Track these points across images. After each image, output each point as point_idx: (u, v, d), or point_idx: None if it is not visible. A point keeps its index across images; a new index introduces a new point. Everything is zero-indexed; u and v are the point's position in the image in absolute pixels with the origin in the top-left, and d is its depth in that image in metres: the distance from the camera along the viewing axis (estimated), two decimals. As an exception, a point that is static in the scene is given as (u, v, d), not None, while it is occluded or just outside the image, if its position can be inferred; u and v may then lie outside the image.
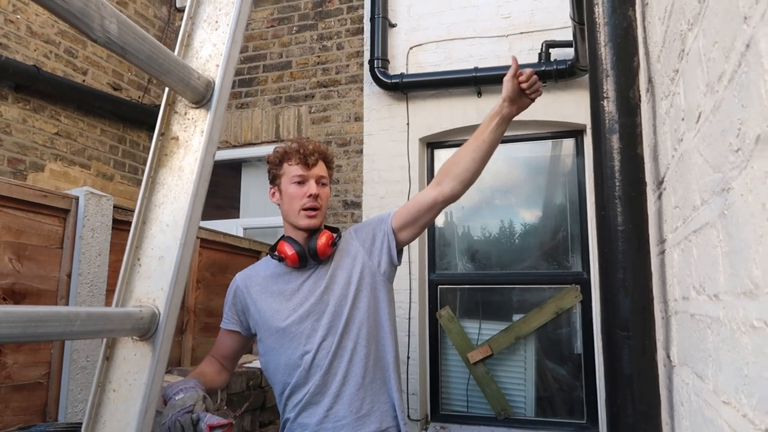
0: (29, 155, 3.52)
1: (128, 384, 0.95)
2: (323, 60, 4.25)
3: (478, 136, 1.73)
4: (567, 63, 3.41)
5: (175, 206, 1.01)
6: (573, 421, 3.48)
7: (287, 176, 1.76)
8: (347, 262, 1.78)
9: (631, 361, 1.11)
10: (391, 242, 1.79)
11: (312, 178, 1.75)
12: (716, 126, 0.68)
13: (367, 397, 1.69)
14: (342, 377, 1.67)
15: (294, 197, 1.75)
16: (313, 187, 1.74)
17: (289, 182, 1.76)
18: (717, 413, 0.73)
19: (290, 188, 1.75)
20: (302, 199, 1.73)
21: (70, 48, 3.84)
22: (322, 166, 1.80)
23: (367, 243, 1.80)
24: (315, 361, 1.68)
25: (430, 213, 1.78)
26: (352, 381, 1.68)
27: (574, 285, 3.54)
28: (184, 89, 1.00)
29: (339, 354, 1.69)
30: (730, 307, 0.66)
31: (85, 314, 0.84)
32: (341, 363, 1.68)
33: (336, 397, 1.67)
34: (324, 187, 1.79)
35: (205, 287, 2.86)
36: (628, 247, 1.14)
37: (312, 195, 1.73)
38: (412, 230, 1.81)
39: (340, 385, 1.67)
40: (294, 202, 1.74)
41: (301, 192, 1.74)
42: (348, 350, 1.69)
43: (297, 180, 1.74)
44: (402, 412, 1.74)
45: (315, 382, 1.67)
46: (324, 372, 1.67)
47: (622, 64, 1.20)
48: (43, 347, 1.99)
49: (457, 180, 1.72)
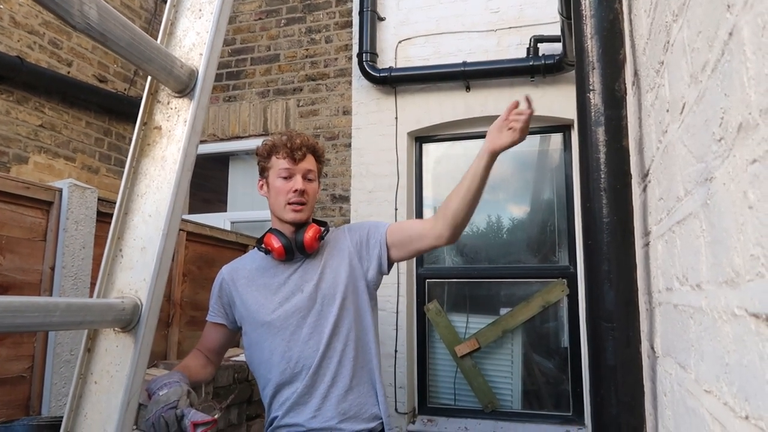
0: (12, 147, 3.47)
1: (110, 376, 0.94)
2: (312, 53, 4.23)
3: (467, 174, 1.70)
4: (555, 58, 3.42)
5: (158, 196, 1.00)
6: (559, 414, 3.51)
7: (275, 170, 1.74)
8: (337, 261, 1.77)
9: (616, 353, 1.12)
10: (383, 250, 1.77)
11: (299, 173, 1.73)
12: (700, 116, 0.69)
13: (355, 399, 1.69)
14: (331, 379, 1.67)
15: (280, 191, 1.73)
16: (299, 182, 1.72)
17: (276, 176, 1.74)
18: (699, 402, 0.74)
19: (277, 182, 1.73)
20: (288, 194, 1.72)
21: (55, 39, 3.79)
22: (311, 160, 1.77)
23: (359, 246, 1.79)
24: (301, 360, 1.67)
25: (419, 244, 1.74)
26: (341, 383, 1.67)
27: (561, 279, 3.56)
28: (166, 78, 0.99)
29: (328, 355, 1.68)
30: (712, 296, 0.66)
31: (65, 305, 0.83)
32: (330, 364, 1.67)
33: (324, 398, 1.66)
34: (311, 182, 1.76)
35: (192, 281, 2.84)
36: (613, 239, 1.15)
37: (297, 190, 1.71)
38: (400, 252, 1.78)
39: (328, 387, 1.66)
40: (280, 196, 1.73)
41: (287, 187, 1.72)
42: (337, 352, 1.68)
43: (283, 174, 1.72)
44: (388, 417, 1.74)
45: (303, 382, 1.66)
46: (312, 372, 1.66)
47: (608, 56, 1.20)
48: (26, 341, 1.96)
49: (447, 224, 1.67)
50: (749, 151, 0.50)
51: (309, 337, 1.69)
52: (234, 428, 2.41)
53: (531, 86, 3.61)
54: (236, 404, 2.39)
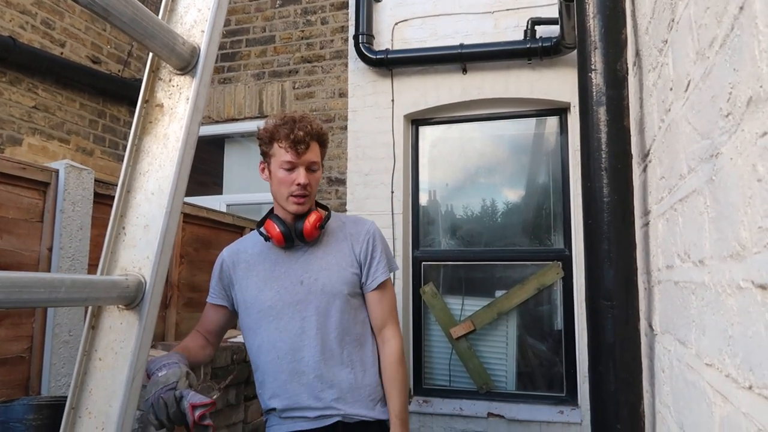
0: (6, 129, 3.44)
1: (114, 353, 0.95)
2: (307, 35, 4.19)
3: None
4: (552, 40, 3.40)
5: (160, 174, 1.00)
6: (553, 395, 3.55)
7: (276, 159, 1.68)
8: (339, 257, 1.75)
9: (615, 330, 1.13)
10: (367, 279, 1.77)
11: (302, 165, 1.66)
12: (706, 93, 0.69)
13: (356, 404, 1.70)
14: (321, 374, 1.68)
15: (282, 182, 1.68)
16: (301, 176, 1.66)
17: (278, 166, 1.68)
18: (699, 376, 0.75)
19: (279, 173, 1.68)
20: (291, 186, 1.67)
21: (47, 19, 3.74)
22: (315, 149, 1.70)
23: (366, 257, 1.78)
24: (291, 351, 1.68)
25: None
26: (335, 378, 1.69)
27: (556, 262, 3.58)
28: (168, 55, 0.98)
29: (321, 349, 1.68)
30: (716, 271, 0.67)
31: (70, 281, 0.83)
32: (322, 358, 1.68)
33: (317, 391, 1.68)
34: (314, 173, 1.71)
35: (189, 263, 2.84)
36: (613, 218, 1.16)
37: (300, 184, 1.66)
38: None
39: (318, 380, 1.68)
40: (282, 187, 1.68)
41: (290, 179, 1.66)
42: (332, 346, 1.69)
43: (286, 167, 1.66)
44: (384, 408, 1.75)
45: (291, 373, 1.68)
46: (302, 364, 1.68)
47: (611, 36, 1.20)
48: (24, 321, 1.96)
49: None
50: (759, 124, 0.50)
51: (302, 330, 1.69)
52: (232, 408, 2.42)
53: (528, 69, 3.59)
54: (234, 385, 2.41)
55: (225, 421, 2.36)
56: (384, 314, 1.77)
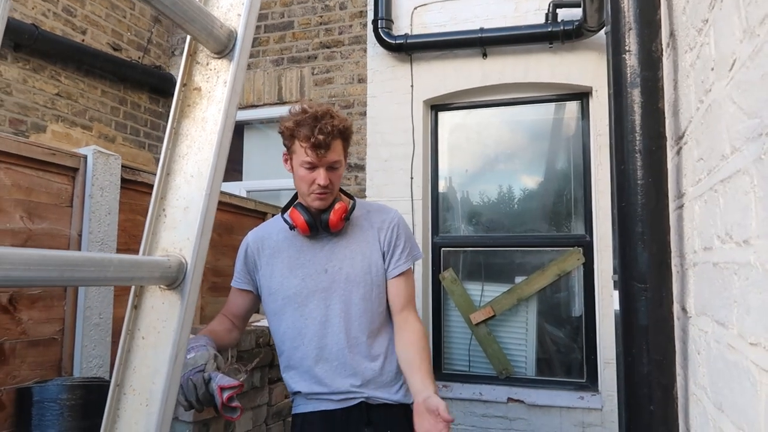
0: (30, 116, 3.48)
1: (156, 332, 0.97)
2: (326, 20, 4.18)
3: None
4: (574, 23, 3.36)
5: (199, 157, 1.01)
6: (572, 380, 3.56)
7: (298, 156, 1.65)
8: (364, 246, 1.76)
9: (648, 313, 1.13)
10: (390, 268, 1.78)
11: (323, 166, 1.64)
12: (755, 71, 0.68)
13: (377, 389, 1.72)
14: (344, 361, 1.70)
15: (303, 179, 1.66)
16: (321, 177, 1.63)
17: (299, 164, 1.66)
18: (742, 355, 0.75)
19: (300, 170, 1.66)
20: (311, 185, 1.65)
21: (69, 6, 3.76)
22: (337, 147, 1.65)
23: (390, 245, 1.78)
24: (315, 339, 1.71)
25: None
26: (368, 373, 1.71)
27: (577, 248, 3.57)
28: (207, 38, 0.99)
29: (345, 338, 1.70)
30: (763, 249, 0.67)
31: (118, 261, 0.85)
32: (345, 347, 1.70)
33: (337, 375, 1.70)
34: (336, 171, 1.68)
35: (212, 247, 2.87)
36: (647, 201, 1.15)
37: (320, 185, 1.64)
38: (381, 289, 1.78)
39: (341, 369, 1.70)
40: (303, 184, 1.67)
41: (310, 178, 1.64)
42: (354, 335, 1.71)
43: (306, 166, 1.64)
44: (406, 394, 1.76)
45: (315, 359, 1.71)
46: (325, 351, 1.70)
47: (645, 17, 1.19)
48: (56, 304, 2.00)
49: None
50: (818, 100, 0.50)
51: (326, 318, 1.71)
52: (257, 391, 2.46)
53: (549, 53, 3.56)
54: (259, 367, 2.44)
55: (250, 403, 2.40)
56: (403, 300, 1.77)
